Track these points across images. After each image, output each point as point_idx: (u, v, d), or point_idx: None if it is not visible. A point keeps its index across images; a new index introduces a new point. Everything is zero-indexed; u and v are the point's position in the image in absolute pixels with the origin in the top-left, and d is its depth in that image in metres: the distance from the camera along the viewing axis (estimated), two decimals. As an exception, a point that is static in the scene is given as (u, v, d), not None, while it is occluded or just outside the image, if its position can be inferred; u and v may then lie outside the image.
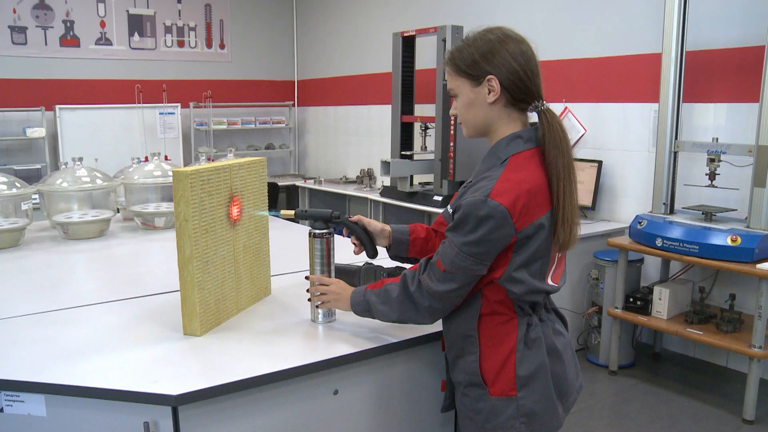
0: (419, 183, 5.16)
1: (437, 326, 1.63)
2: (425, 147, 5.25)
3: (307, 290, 1.70)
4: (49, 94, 6.01)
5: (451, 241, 1.40)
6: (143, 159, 3.34)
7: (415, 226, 1.73)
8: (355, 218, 1.72)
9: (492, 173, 1.41)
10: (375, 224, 1.71)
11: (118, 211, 3.11)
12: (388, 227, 1.71)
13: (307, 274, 1.72)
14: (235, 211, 1.73)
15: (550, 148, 1.42)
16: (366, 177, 5.97)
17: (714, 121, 3.69)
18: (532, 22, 4.64)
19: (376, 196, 5.30)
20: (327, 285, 1.66)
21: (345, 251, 2.18)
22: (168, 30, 6.69)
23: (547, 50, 4.45)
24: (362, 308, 1.57)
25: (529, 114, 1.48)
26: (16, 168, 5.55)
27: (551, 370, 1.48)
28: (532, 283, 1.43)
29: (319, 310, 1.70)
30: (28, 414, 1.39)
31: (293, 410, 1.48)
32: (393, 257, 1.76)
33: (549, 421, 1.48)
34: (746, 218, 3.25)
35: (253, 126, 7.04)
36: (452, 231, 1.40)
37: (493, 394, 1.46)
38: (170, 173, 2.69)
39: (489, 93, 1.42)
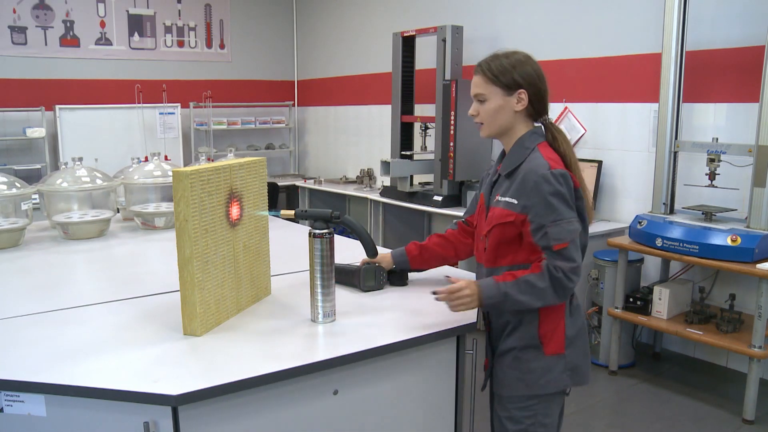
0: (419, 183, 5.16)
1: (440, 325, 1.64)
2: (425, 147, 5.26)
3: (438, 299, 1.69)
4: (49, 94, 6.01)
5: (555, 220, 1.63)
6: (143, 159, 3.34)
7: (408, 247, 2.04)
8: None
9: (531, 156, 1.70)
10: (386, 258, 2.03)
11: (118, 211, 3.11)
12: (388, 255, 2.04)
13: (435, 289, 1.70)
14: (235, 211, 1.73)
15: (563, 146, 1.75)
16: (366, 177, 5.97)
17: (714, 121, 3.69)
18: (532, 22, 4.64)
19: (376, 196, 5.30)
20: (459, 290, 1.66)
21: (345, 251, 2.18)
22: (168, 30, 6.69)
23: (547, 50, 4.45)
24: (497, 300, 1.67)
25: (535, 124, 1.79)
26: (16, 168, 5.55)
27: None
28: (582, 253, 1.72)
29: (320, 310, 1.70)
30: (28, 414, 1.39)
31: (293, 410, 1.48)
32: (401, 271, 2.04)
33: (585, 374, 1.81)
34: (746, 218, 3.25)
35: (253, 126, 7.04)
36: (550, 210, 1.63)
37: (547, 353, 1.74)
38: (170, 173, 2.70)
39: (517, 103, 1.71)
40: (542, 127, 1.77)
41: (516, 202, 1.68)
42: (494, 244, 1.74)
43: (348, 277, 1.99)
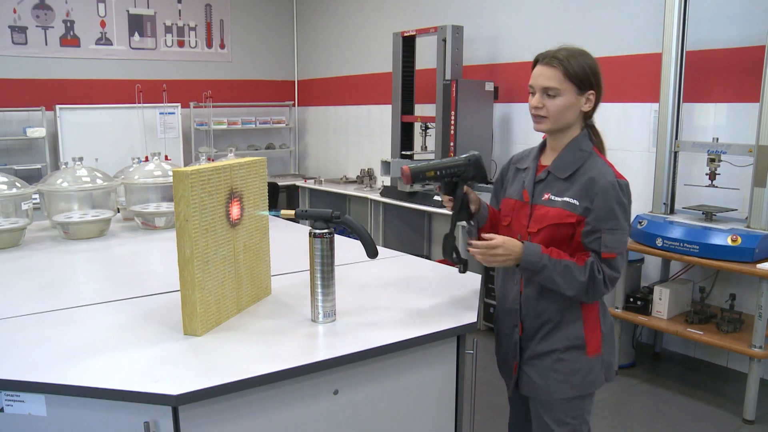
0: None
1: (440, 325, 1.64)
2: (425, 147, 5.25)
3: (472, 252, 1.69)
4: (49, 94, 6.01)
5: (611, 228, 1.64)
6: (143, 159, 3.34)
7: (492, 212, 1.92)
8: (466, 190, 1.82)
9: (593, 161, 1.71)
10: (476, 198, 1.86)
11: (119, 211, 3.11)
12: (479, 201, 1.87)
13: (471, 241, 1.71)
14: (235, 210, 1.73)
15: (604, 153, 1.80)
16: (366, 177, 5.97)
17: (714, 120, 3.69)
18: (533, 22, 4.64)
19: (376, 196, 5.29)
20: (494, 248, 1.65)
21: (345, 251, 2.18)
22: (168, 30, 6.69)
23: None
24: (534, 267, 1.65)
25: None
26: (16, 168, 5.55)
27: None
28: None
29: (320, 310, 1.70)
30: (28, 414, 1.39)
31: (293, 410, 1.48)
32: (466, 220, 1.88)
33: (614, 370, 1.83)
34: (746, 218, 3.25)
35: (253, 126, 7.04)
36: (610, 217, 1.64)
37: (589, 354, 1.75)
38: (170, 173, 2.69)
39: (585, 103, 1.72)
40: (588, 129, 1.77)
41: (578, 203, 1.67)
42: (543, 243, 1.70)
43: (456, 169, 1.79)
